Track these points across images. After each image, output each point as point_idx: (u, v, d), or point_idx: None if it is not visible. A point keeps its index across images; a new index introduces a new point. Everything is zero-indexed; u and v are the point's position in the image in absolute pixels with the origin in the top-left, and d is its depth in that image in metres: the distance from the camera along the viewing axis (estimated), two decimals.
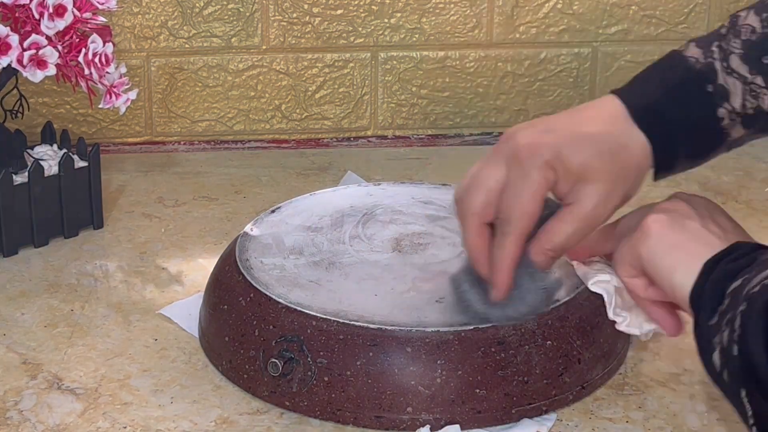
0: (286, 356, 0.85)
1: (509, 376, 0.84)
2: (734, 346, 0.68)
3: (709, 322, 0.71)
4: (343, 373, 0.84)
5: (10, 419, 0.86)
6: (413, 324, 0.85)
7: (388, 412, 0.84)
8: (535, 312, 0.86)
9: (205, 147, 1.43)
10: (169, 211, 1.24)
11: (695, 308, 0.74)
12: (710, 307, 0.72)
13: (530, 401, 0.85)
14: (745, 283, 0.70)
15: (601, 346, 0.89)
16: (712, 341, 0.71)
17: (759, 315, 0.66)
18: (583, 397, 0.88)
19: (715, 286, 0.72)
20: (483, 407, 0.84)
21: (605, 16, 1.44)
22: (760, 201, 1.28)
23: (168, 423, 0.86)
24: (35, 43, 1.06)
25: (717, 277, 0.73)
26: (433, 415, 0.83)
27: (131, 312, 1.02)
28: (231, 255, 0.96)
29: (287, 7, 1.40)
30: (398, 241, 0.98)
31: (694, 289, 0.74)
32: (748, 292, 0.68)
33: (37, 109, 1.38)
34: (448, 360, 0.83)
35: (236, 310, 0.90)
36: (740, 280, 0.70)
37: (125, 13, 1.38)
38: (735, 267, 0.72)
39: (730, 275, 0.72)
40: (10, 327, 0.99)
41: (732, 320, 0.69)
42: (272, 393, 0.87)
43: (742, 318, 0.68)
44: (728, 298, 0.70)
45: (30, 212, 1.12)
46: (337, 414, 0.84)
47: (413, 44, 1.44)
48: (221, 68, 1.42)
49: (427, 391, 0.83)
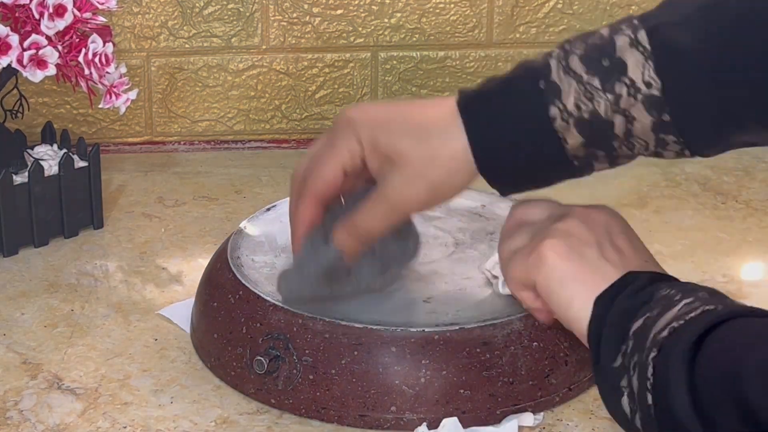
0: (271, 354, 0.85)
1: (494, 377, 0.84)
2: (647, 394, 0.67)
3: (613, 364, 0.70)
4: (327, 372, 0.84)
5: (10, 419, 0.86)
6: (399, 324, 0.84)
7: (372, 411, 0.84)
8: (368, 290, 0.86)
9: (205, 147, 1.43)
10: (169, 211, 1.24)
11: (594, 348, 0.73)
12: (612, 348, 0.71)
13: (515, 402, 0.85)
14: (649, 323, 0.69)
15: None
16: (619, 385, 0.70)
17: (678, 366, 0.65)
18: (570, 399, 0.88)
19: (614, 326, 0.72)
20: (467, 407, 0.84)
21: (605, 16, 1.45)
22: (760, 201, 1.28)
23: (168, 423, 0.86)
24: (35, 43, 1.06)
25: (615, 316, 0.72)
26: (417, 414, 0.83)
27: (131, 312, 1.02)
28: (223, 253, 0.96)
29: (287, 7, 1.40)
30: None
31: (592, 327, 0.74)
32: (656, 336, 0.68)
33: (37, 109, 1.38)
34: (433, 360, 0.83)
35: (225, 307, 0.90)
36: (641, 320, 0.70)
37: (125, 13, 1.38)
38: (633, 305, 0.71)
39: (630, 314, 0.71)
40: (10, 327, 0.99)
41: (641, 366, 0.68)
42: (258, 390, 0.87)
43: (655, 366, 0.67)
44: (632, 340, 0.70)
45: (30, 212, 1.12)
46: (321, 412, 0.85)
47: (413, 44, 1.44)
48: (221, 68, 1.42)
49: (412, 391, 0.83)
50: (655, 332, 0.68)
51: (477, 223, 1.01)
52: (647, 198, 1.28)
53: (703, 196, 1.29)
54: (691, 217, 1.23)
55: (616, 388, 0.71)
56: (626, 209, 0.84)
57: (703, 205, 1.27)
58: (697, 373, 0.64)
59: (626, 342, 0.70)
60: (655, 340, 0.68)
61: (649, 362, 0.67)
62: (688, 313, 0.68)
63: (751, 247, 1.18)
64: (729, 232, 1.20)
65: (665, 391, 0.66)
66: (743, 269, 1.14)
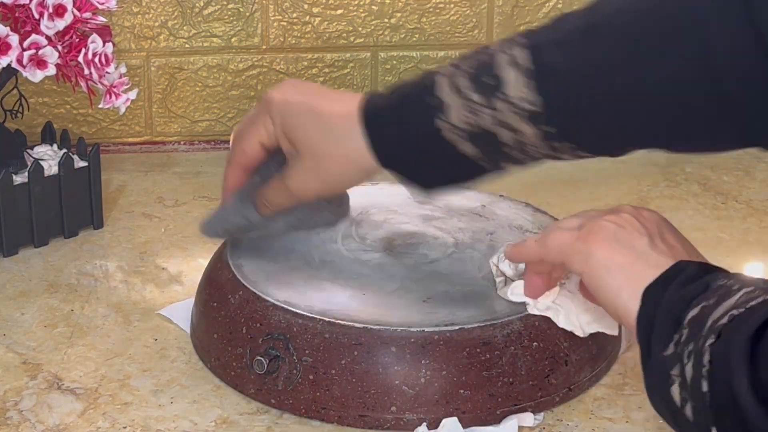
0: (271, 354, 0.85)
1: (494, 377, 0.84)
2: (702, 381, 0.66)
3: (664, 353, 0.69)
4: (327, 372, 0.84)
5: (10, 419, 0.86)
6: (399, 324, 0.85)
7: (372, 411, 0.84)
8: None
9: (205, 147, 1.43)
10: (169, 211, 1.24)
11: (644, 336, 0.72)
12: (664, 336, 0.70)
13: (515, 402, 0.85)
14: (707, 312, 0.68)
15: (589, 348, 0.89)
16: (669, 373, 0.69)
17: (740, 352, 0.64)
18: (570, 399, 0.88)
19: (667, 315, 0.70)
20: (467, 408, 0.84)
21: None
22: (760, 201, 1.28)
23: (168, 423, 0.86)
24: (35, 43, 1.06)
25: (669, 304, 0.71)
26: (417, 414, 0.83)
27: (131, 312, 1.02)
28: (223, 253, 0.96)
29: (287, 7, 1.40)
30: (390, 240, 0.98)
31: (642, 315, 0.72)
32: (715, 323, 0.67)
33: (37, 109, 1.38)
34: (433, 360, 0.83)
35: (225, 307, 0.90)
36: (697, 309, 0.69)
37: (125, 13, 1.38)
38: (687, 294, 0.70)
39: (684, 303, 0.70)
40: (10, 327, 0.99)
41: (698, 353, 0.67)
42: (258, 390, 0.87)
43: (713, 352, 0.66)
44: (686, 328, 0.68)
45: (30, 212, 1.12)
46: (321, 412, 0.85)
47: (413, 44, 1.44)
48: (221, 68, 1.42)
49: (412, 391, 0.83)
50: (713, 320, 0.67)
51: (477, 223, 1.01)
52: (647, 198, 1.28)
53: (703, 196, 1.29)
54: (691, 217, 1.23)
55: (666, 377, 0.69)
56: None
57: (703, 205, 1.27)
58: (760, 361, 0.63)
59: (680, 330, 0.69)
60: (713, 328, 0.66)
61: (705, 349, 0.66)
62: (748, 301, 0.67)
63: (751, 247, 1.18)
64: (729, 232, 1.20)
65: (726, 378, 0.64)
66: (743, 269, 1.14)
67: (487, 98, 0.78)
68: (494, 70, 0.78)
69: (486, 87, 0.78)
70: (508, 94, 0.77)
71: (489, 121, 0.78)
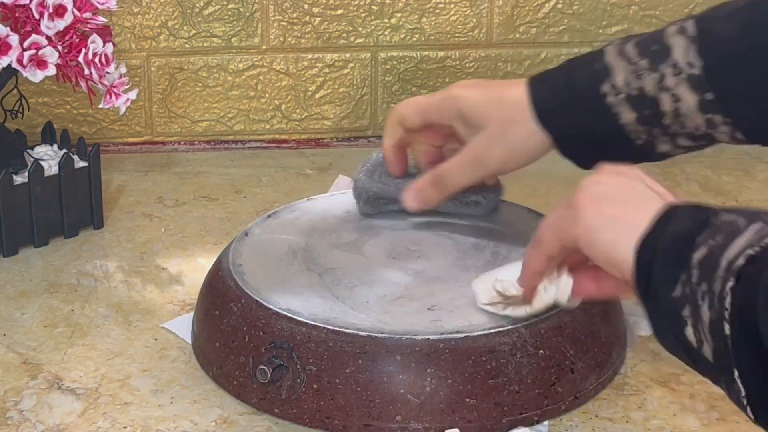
0: (275, 363, 0.84)
1: (500, 385, 0.83)
2: (724, 324, 0.64)
3: (672, 294, 0.67)
4: (332, 381, 0.83)
5: (10, 419, 0.86)
6: (403, 332, 0.84)
7: (377, 420, 0.83)
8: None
9: (205, 147, 1.43)
10: (169, 211, 1.24)
11: (644, 280, 0.69)
12: (668, 277, 0.68)
13: (522, 411, 0.84)
14: (716, 251, 0.66)
15: (595, 355, 0.88)
16: (680, 315, 0.67)
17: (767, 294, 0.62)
18: (576, 407, 0.87)
19: (668, 254, 0.68)
20: (473, 417, 0.83)
21: (605, 16, 1.45)
22: (760, 201, 1.28)
23: (168, 423, 0.86)
24: (35, 43, 1.06)
25: (669, 245, 0.69)
26: (422, 423, 0.83)
27: (131, 312, 1.02)
28: (225, 260, 0.95)
29: (287, 7, 1.40)
30: (393, 247, 0.97)
31: (641, 258, 0.70)
32: (731, 264, 0.64)
33: (37, 109, 1.38)
34: (438, 368, 0.83)
35: (228, 315, 0.90)
36: (705, 248, 0.66)
37: (125, 13, 1.38)
38: (688, 233, 0.68)
39: (686, 243, 0.68)
40: (10, 327, 0.99)
41: (716, 296, 0.65)
42: (261, 400, 0.86)
43: (734, 295, 0.64)
44: (696, 269, 0.66)
45: (30, 212, 1.12)
46: (325, 422, 0.84)
47: (413, 44, 1.44)
48: (221, 68, 1.42)
49: (417, 400, 0.83)
50: (728, 260, 0.65)
51: (480, 229, 1.00)
52: None
53: (703, 196, 1.29)
54: None
55: (677, 318, 0.67)
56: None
57: None
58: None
59: (687, 271, 0.67)
60: (731, 269, 0.64)
61: (726, 292, 0.64)
62: (761, 238, 0.65)
63: None
64: None
65: (752, 322, 0.62)
66: None
67: (653, 63, 0.85)
68: (663, 39, 0.86)
69: (653, 53, 0.86)
70: (675, 59, 0.84)
71: (652, 85, 0.85)
